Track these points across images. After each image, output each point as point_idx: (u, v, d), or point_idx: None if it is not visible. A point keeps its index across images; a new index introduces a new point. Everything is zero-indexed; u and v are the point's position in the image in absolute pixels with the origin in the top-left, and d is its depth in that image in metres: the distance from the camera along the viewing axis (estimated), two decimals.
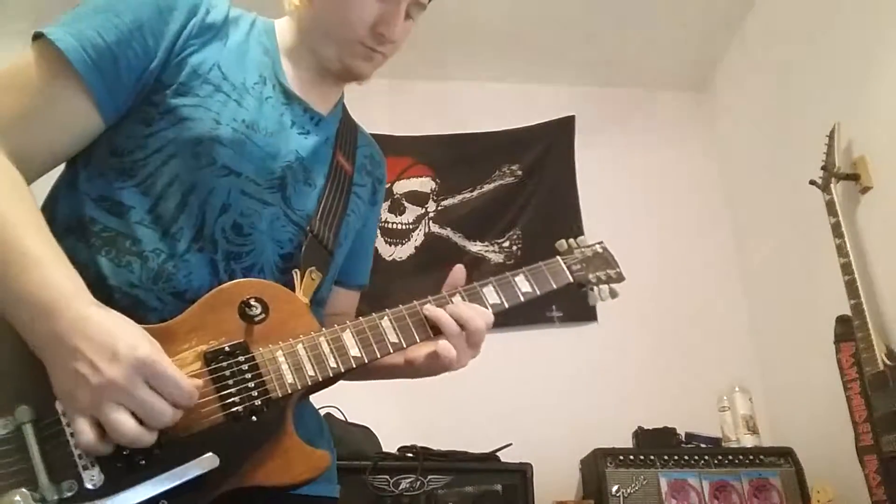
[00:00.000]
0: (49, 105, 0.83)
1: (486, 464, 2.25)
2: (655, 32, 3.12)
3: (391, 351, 0.91)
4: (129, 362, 0.68)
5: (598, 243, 1.18)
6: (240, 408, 0.79)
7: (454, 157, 3.20)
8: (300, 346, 0.85)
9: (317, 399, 1.03)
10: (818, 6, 2.57)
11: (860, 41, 2.33)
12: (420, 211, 3.11)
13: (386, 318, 0.92)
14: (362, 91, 1.10)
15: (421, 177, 3.17)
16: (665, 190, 3.21)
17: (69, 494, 0.69)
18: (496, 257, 3.04)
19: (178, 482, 0.72)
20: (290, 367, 0.83)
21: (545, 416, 2.68)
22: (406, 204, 3.11)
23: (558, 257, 1.10)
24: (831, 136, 2.27)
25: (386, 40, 0.98)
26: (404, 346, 0.92)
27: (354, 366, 0.88)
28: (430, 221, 3.10)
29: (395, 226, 3.08)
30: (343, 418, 2.34)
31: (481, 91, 3.34)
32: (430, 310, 0.93)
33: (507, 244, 3.07)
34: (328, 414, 2.29)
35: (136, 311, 0.81)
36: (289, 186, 0.95)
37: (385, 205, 3.09)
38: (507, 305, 0.99)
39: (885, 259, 2.14)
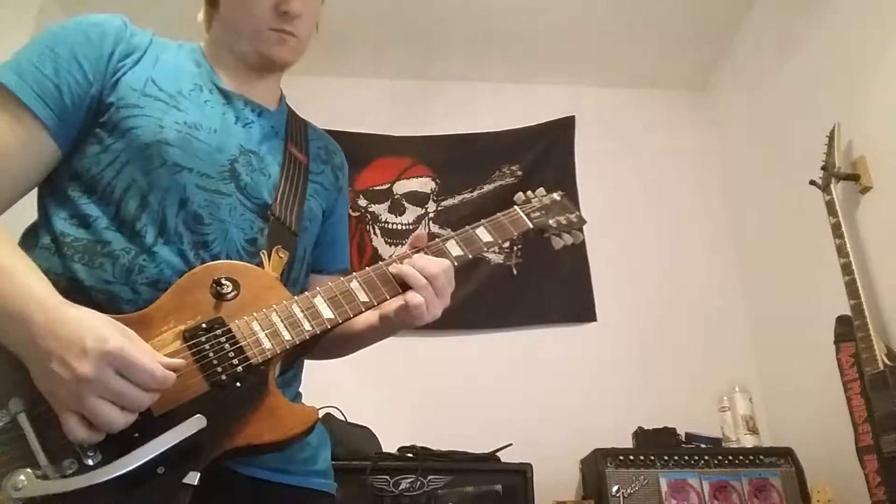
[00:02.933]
0: (3, 139, 0.88)
1: (486, 464, 2.25)
2: (655, 32, 3.12)
3: (363, 310, 0.95)
4: (98, 355, 0.71)
5: (557, 192, 1.21)
6: (223, 376, 0.83)
7: (454, 157, 3.20)
8: (274, 314, 0.89)
9: (317, 399, 1.03)
10: (818, 6, 2.58)
11: (860, 41, 2.33)
12: (420, 211, 3.11)
13: (354, 280, 0.97)
14: (363, 92, 1.10)
15: (421, 177, 3.17)
16: (665, 190, 3.21)
17: (71, 471, 0.73)
18: (496, 258, 3.04)
19: (171, 444, 0.76)
20: (266, 334, 0.87)
21: (545, 416, 2.68)
22: (406, 204, 3.11)
23: (516, 206, 1.15)
24: (831, 136, 2.27)
25: (290, 16, 1.04)
26: (375, 303, 0.96)
27: (329, 327, 0.91)
28: (431, 222, 3.10)
29: (395, 226, 3.08)
30: (343, 418, 2.34)
31: (481, 91, 3.34)
32: (395, 266, 0.98)
33: (506, 245, 3.06)
34: (328, 414, 2.29)
35: (112, 304, 0.86)
36: (242, 176, 1.00)
37: (385, 205, 3.10)
38: (470, 256, 1.04)
39: (885, 259, 2.14)
